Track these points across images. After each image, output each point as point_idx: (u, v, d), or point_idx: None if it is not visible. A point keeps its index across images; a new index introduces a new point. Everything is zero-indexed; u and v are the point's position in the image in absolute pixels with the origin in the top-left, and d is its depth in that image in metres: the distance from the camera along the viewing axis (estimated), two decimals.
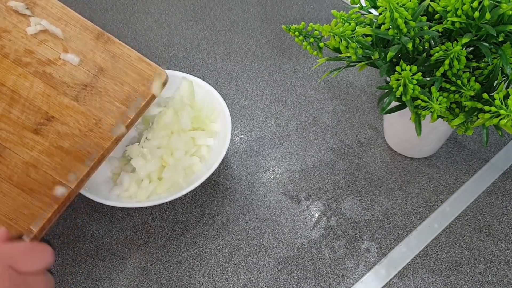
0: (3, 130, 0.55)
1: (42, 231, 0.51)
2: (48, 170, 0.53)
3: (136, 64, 0.60)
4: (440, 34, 0.48)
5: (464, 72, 0.47)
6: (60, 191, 0.53)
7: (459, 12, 0.44)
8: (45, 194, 0.52)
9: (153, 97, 0.59)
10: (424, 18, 0.47)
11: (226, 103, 0.64)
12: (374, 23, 0.50)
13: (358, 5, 0.51)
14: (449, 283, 0.54)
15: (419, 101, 0.46)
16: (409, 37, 0.46)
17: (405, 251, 0.57)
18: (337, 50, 0.51)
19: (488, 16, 0.43)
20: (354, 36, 0.47)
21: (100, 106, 0.57)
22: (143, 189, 0.59)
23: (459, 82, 0.47)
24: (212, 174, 0.63)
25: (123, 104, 0.58)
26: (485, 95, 0.46)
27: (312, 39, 0.52)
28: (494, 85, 0.48)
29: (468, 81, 0.47)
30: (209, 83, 0.71)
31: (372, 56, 0.49)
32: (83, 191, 0.57)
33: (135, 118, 0.57)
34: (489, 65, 0.47)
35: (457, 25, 0.45)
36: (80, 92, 0.58)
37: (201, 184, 0.61)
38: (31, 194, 0.52)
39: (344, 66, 0.53)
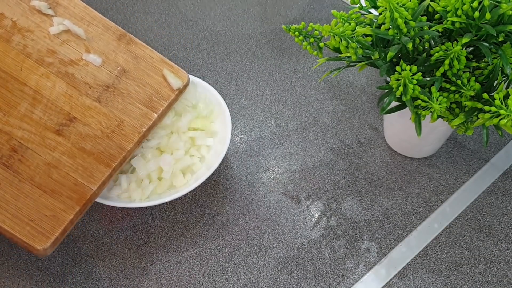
0: (25, 130, 0.55)
1: (64, 234, 0.51)
2: (70, 172, 0.53)
3: (158, 66, 0.60)
4: (440, 34, 0.48)
5: (464, 72, 0.47)
6: None
7: (459, 12, 0.44)
8: (67, 195, 0.52)
9: (176, 98, 0.59)
10: (424, 18, 0.47)
11: (226, 103, 0.64)
12: (374, 23, 0.50)
13: (358, 5, 0.51)
14: (449, 283, 0.54)
15: (419, 101, 0.47)
16: (409, 37, 0.46)
17: (405, 251, 0.57)
18: (337, 50, 0.51)
19: (488, 16, 0.43)
20: (354, 36, 0.47)
21: (122, 108, 0.57)
22: (143, 189, 0.59)
23: (459, 82, 0.47)
24: (212, 174, 0.63)
25: (145, 106, 0.58)
26: (485, 95, 0.46)
27: (312, 39, 0.52)
28: (494, 85, 0.48)
29: (468, 81, 0.47)
30: (209, 83, 0.71)
31: (372, 56, 0.49)
32: None
33: (156, 120, 0.57)
34: (489, 65, 0.47)
35: (457, 25, 0.45)
36: (102, 93, 0.58)
37: (201, 184, 0.61)
38: (52, 196, 0.52)
39: (344, 66, 0.53)
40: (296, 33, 0.52)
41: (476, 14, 0.43)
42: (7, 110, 0.55)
